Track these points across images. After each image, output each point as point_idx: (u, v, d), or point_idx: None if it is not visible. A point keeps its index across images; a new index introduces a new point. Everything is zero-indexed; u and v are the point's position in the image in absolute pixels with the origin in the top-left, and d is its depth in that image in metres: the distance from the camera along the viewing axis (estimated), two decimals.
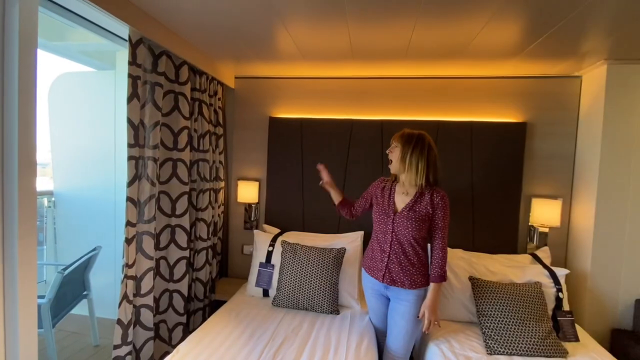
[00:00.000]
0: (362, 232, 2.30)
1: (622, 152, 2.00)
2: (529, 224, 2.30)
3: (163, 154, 1.95)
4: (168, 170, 1.98)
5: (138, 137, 1.70)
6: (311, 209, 2.51)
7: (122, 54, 2.60)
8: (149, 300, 1.83)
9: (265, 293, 2.16)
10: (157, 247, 1.96)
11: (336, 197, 1.91)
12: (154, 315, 1.98)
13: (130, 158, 1.66)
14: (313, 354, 1.58)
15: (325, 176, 1.91)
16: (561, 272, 1.95)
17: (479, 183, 2.30)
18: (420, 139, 1.57)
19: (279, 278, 2.08)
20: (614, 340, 2.01)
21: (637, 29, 1.57)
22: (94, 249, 2.30)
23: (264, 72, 2.54)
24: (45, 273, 2.97)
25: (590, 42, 1.74)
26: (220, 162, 2.50)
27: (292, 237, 2.30)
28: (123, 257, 1.68)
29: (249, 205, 2.63)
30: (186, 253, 2.05)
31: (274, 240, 2.27)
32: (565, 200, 2.27)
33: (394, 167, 1.65)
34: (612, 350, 1.99)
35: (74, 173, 2.73)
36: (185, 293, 2.06)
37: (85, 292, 2.34)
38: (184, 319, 2.06)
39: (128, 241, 1.67)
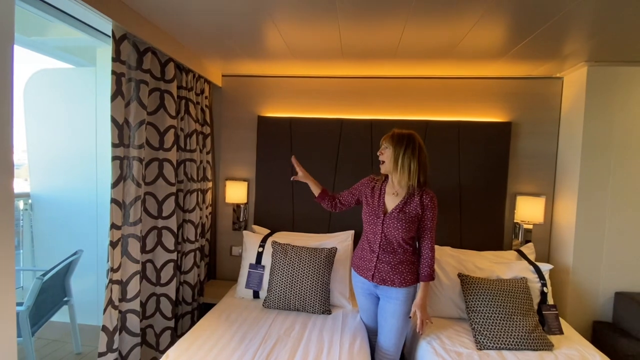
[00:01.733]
0: (352, 232, 2.31)
1: (602, 151, 2.08)
2: (514, 221, 2.36)
3: (149, 154, 1.89)
4: (154, 171, 1.92)
5: (123, 136, 1.64)
6: (301, 209, 2.50)
7: (104, 51, 2.51)
8: (135, 305, 1.77)
9: (256, 295, 2.13)
10: (143, 250, 1.90)
11: (315, 189, 1.87)
12: (141, 321, 1.92)
13: (114, 158, 1.60)
14: (306, 354, 1.57)
15: (299, 170, 1.88)
16: (545, 268, 2.01)
17: (466, 182, 2.35)
18: (411, 140, 1.57)
19: (269, 279, 2.06)
20: (595, 331, 2.09)
21: (615, 33, 1.63)
22: (75, 253, 2.21)
23: (253, 70, 2.50)
24: (22, 279, 2.83)
25: (572, 45, 1.80)
26: (207, 162, 2.45)
27: (283, 237, 2.28)
28: (108, 261, 1.62)
29: (238, 205, 2.59)
30: (173, 256, 2.00)
31: (263, 241, 2.24)
32: (548, 197, 2.35)
33: (386, 169, 1.64)
34: (593, 341, 2.06)
35: (52, 174, 2.61)
36: (173, 297, 2.01)
37: (66, 298, 2.25)
38: (171, 324, 2.01)
39: (113, 244, 1.61)
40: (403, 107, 2.45)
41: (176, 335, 2.17)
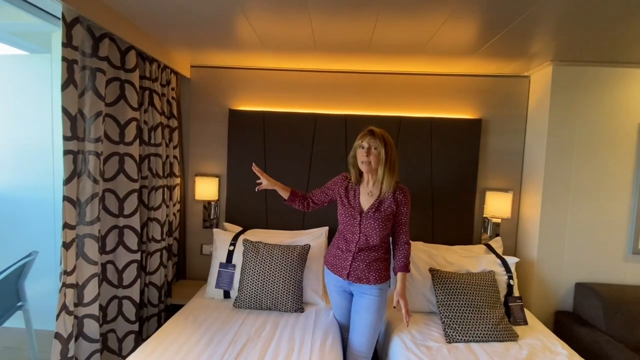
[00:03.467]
0: (326, 228, 2.28)
1: (565, 149, 2.16)
2: (483, 215, 2.42)
3: (108, 148, 1.77)
4: (114, 166, 1.80)
5: (76, 128, 1.51)
6: (275, 206, 2.44)
7: (59, 36, 2.31)
8: (93, 309, 1.66)
9: (226, 294, 2.06)
10: (102, 250, 1.79)
11: (283, 193, 1.79)
12: (101, 325, 1.81)
13: (66, 152, 1.48)
14: (277, 354, 1.53)
15: (263, 178, 1.78)
16: (512, 261, 2.07)
17: (438, 177, 2.37)
18: (390, 140, 1.58)
19: (240, 278, 2.00)
20: (557, 321, 2.19)
21: (579, 33, 1.68)
22: (29, 255, 2.04)
23: (223, 62, 2.40)
24: None
25: (538, 44, 1.84)
26: (175, 157, 2.34)
27: (255, 235, 2.22)
28: (60, 263, 1.50)
29: (208, 202, 2.50)
30: (137, 256, 1.89)
31: (235, 239, 2.17)
32: (515, 193, 2.42)
33: (370, 169, 1.57)
34: (555, 330, 2.16)
35: (2, 169, 2.40)
36: (137, 299, 1.90)
37: (20, 303, 2.08)
38: (135, 327, 1.91)
39: (66, 245, 1.49)
40: (377, 102, 2.43)
41: (141, 339, 2.06)
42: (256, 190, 1.82)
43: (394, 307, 1.58)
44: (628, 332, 1.91)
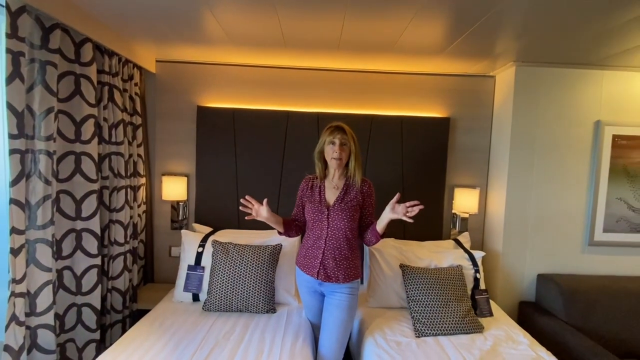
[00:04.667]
0: None
1: (527, 146, 2.25)
2: (452, 211, 2.48)
3: (62, 147, 1.66)
4: (69, 166, 1.70)
5: (24, 126, 1.40)
6: None
7: (2, 26, 2.15)
8: (48, 318, 1.56)
9: (196, 298, 2.00)
10: (58, 256, 1.68)
11: (278, 226, 1.66)
12: (58, 335, 1.70)
13: (13, 152, 1.37)
14: (245, 358, 1.50)
15: (262, 208, 1.56)
16: (478, 255, 2.14)
17: (409, 175, 2.41)
18: (354, 134, 1.63)
19: (209, 280, 1.94)
20: (521, 311, 2.29)
21: (539, 35, 1.75)
22: None
23: (191, 57, 2.32)
24: None
25: (501, 45, 1.90)
26: (139, 155, 2.24)
27: (225, 235, 2.16)
28: (9, 271, 1.39)
29: (177, 203, 2.41)
30: (97, 260, 1.79)
31: (204, 240, 2.10)
32: (482, 189, 2.50)
33: (341, 164, 1.61)
34: (519, 320, 2.25)
35: None
36: (98, 306, 1.81)
37: None
38: (97, 336, 1.81)
39: (14, 252, 1.39)
40: (350, 100, 2.43)
41: (104, 347, 1.96)
42: (246, 218, 1.59)
43: (405, 212, 1.46)
44: (584, 319, 2.02)
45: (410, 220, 1.46)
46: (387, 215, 1.52)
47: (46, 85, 1.49)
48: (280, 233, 1.71)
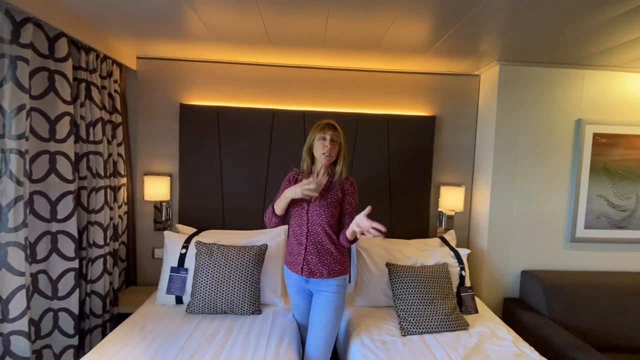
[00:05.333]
0: (285, 227, 2.23)
1: (510, 144, 2.27)
2: (438, 209, 2.50)
3: (35, 146, 1.59)
4: (44, 166, 1.63)
5: None
6: (232, 205, 2.35)
7: None
8: (22, 325, 1.49)
9: (179, 300, 1.95)
10: (33, 259, 1.61)
11: (285, 208, 1.63)
12: (33, 342, 1.64)
13: None
14: None
15: (314, 183, 1.51)
16: (464, 252, 2.16)
17: (396, 173, 2.41)
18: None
19: (193, 282, 1.90)
20: (506, 307, 2.31)
21: (522, 34, 1.76)
22: None
23: (173, 53, 2.26)
24: None
25: (485, 44, 1.91)
26: (119, 155, 2.17)
27: (209, 236, 2.12)
28: None
29: (160, 203, 2.35)
30: (74, 264, 1.73)
31: (187, 241, 2.06)
32: (467, 187, 2.52)
33: (330, 161, 1.62)
34: (504, 316, 2.28)
35: None
36: (76, 310, 1.75)
37: None
38: (75, 341, 1.75)
39: None
40: (336, 99, 2.42)
41: (83, 353, 1.90)
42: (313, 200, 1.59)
43: (368, 230, 1.36)
44: (566, 314, 2.06)
45: (371, 237, 1.37)
46: (352, 225, 1.46)
47: (17, 82, 1.43)
48: (277, 215, 1.63)
